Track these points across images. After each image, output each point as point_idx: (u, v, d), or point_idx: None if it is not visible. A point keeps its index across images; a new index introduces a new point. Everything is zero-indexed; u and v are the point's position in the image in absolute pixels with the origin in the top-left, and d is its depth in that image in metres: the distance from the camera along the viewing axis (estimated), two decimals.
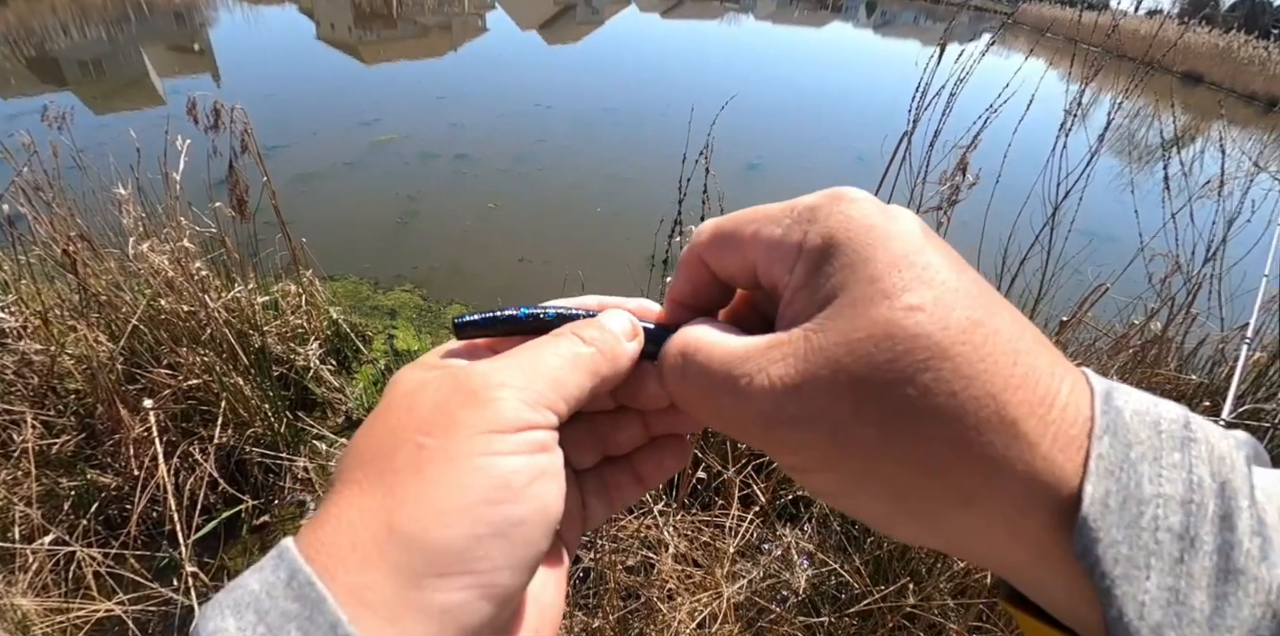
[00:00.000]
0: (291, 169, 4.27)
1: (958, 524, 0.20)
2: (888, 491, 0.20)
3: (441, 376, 0.23)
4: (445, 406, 0.22)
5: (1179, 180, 1.95)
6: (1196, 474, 0.18)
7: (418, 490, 0.20)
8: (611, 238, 3.80)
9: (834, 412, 0.20)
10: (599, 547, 1.44)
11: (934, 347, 0.19)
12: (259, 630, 0.18)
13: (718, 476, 1.61)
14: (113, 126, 4.63)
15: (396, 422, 0.22)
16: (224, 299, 2.09)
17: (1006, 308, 0.21)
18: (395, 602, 0.18)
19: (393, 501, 0.20)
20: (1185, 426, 0.19)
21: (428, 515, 0.19)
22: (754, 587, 1.34)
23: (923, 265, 0.20)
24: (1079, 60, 1.75)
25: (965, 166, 1.77)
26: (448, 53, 10.42)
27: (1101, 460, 0.18)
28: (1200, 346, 2.06)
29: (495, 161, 4.89)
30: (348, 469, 0.22)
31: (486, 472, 0.20)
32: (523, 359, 0.24)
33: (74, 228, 2.10)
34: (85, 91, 6.37)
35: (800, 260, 0.22)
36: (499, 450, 0.21)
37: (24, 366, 1.96)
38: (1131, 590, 0.17)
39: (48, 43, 8.54)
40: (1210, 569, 0.17)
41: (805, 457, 0.21)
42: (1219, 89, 12.19)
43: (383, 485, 0.20)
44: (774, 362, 0.21)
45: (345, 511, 0.20)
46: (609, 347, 0.25)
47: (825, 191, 0.23)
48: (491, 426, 0.21)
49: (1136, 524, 0.17)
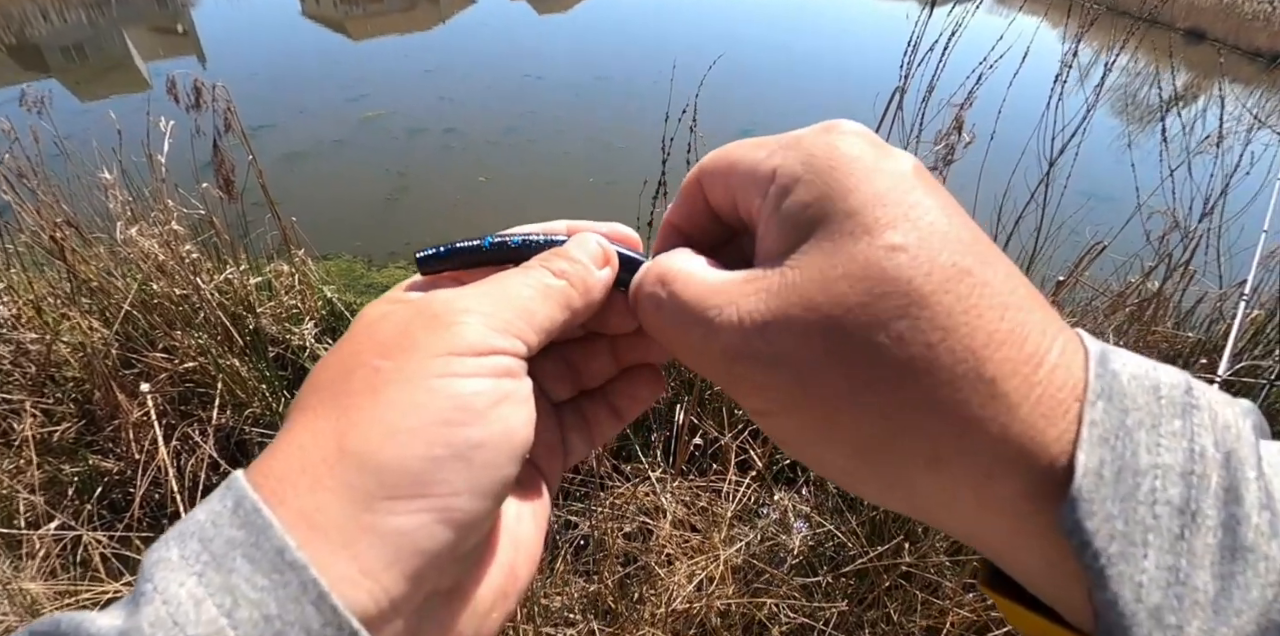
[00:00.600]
0: (279, 148, 4.23)
1: (923, 485, 0.18)
2: (850, 444, 0.19)
3: (404, 306, 0.22)
4: (406, 330, 0.21)
5: (1179, 137, 1.92)
6: (1199, 443, 0.17)
7: (372, 411, 0.19)
8: (605, 206, 3.77)
9: (802, 353, 0.19)
10: (597, 515, 1.45)
11: (913, 293, 0.17)
12: (203, 558, 0.17)
13: (714, 442, 1.62)
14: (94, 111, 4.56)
15: (355, 348, 0.21)
16: (216, 281, 2.08)
17: (1000, 258, 0.19)
18: (348, 525, 0.17)
19: (345, 422, 0.19)
20: (1187, 392, 0.17)
21: (381, 435, 0.18)
22: (751, 550, 1.36)
23: (910, 203, 0.19)
24: (1074, 13, 1.70)
25: (960, 124, 1.74)
26: (436, 25, 10.22)
27: (1095, 427, 0.17)
28: (1198, 304, 2.05)
29: (485, 134, 4.83)
30: (304, 396, 0.21)
31: (444, 393, 0.19)
32: (490, 288, 0.23)
33: (60, 214, 2.08)
34: (69, 77, 6.28)
35: (775, 183, 0.20)
36: (458, 371, 0.20)
37: (20, 355, 1.97)
38: (1128, 569, 0.15)
39: (28, 29, 8.38)
40: (1214, 546, 0.16)
41: (768, 398, 0.20)
42: (1222, 45, 11.95)
43: (337, 408, 0.20)
44: (746, 296, 0.20)
45: (298, 436, 0.19)
46: (580, 279, 0.24)
47: (820, 123, 0.21)
48: (452, 348, 0.20)
49: (1133, 497, 0.16)
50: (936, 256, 0.18)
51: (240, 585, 0.16)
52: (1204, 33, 12.66)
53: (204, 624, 0.16)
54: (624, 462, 1.66)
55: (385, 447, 0.18)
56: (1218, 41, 12.08)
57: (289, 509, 0.18)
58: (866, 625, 1.32)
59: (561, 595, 1.36)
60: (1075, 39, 1.68)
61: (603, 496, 1.49)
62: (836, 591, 1.35)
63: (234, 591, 0.16)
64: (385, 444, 0.18)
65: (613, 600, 1.33)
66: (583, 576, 1.41)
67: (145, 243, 1.99)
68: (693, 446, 1.60)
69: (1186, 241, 1.77)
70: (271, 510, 0.18)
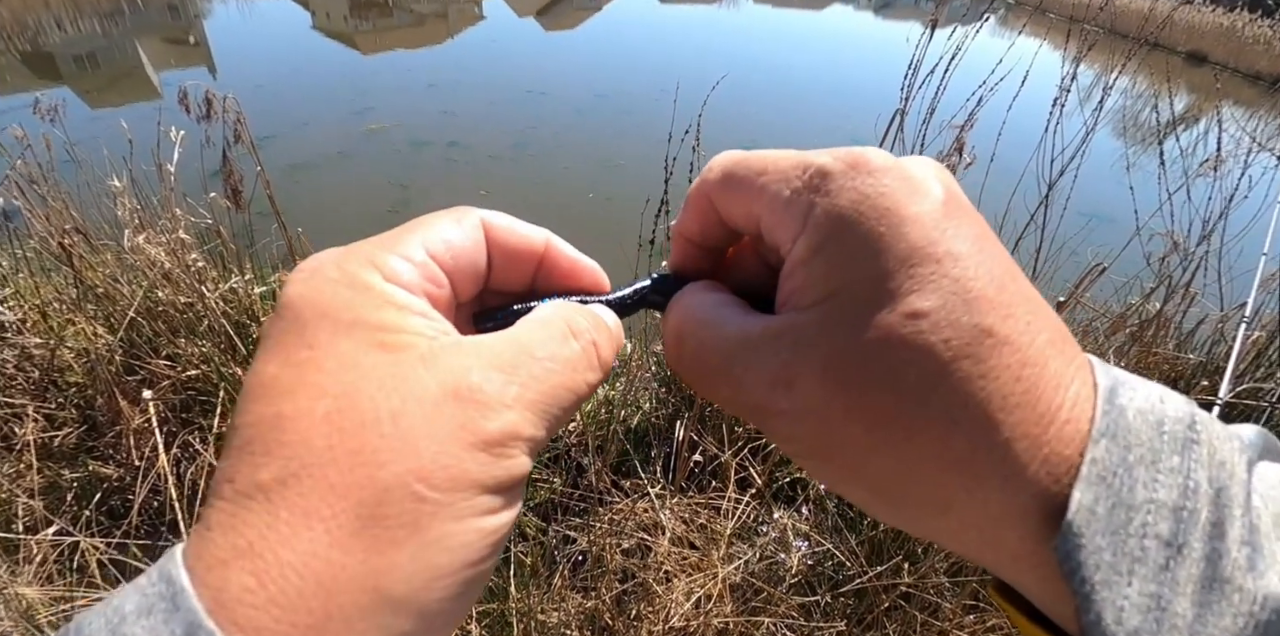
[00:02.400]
0: (284, 159, 4.27)
1: (936, 525, 0.20)
2: (870, 487, 0.20)
3: (440, 379, 0.19)
4: (451, 444, 0.18)
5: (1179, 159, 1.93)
6: (1194, 479, 0.18)
7: (417, 552, 0.17)
8: (604, 222, 3.79)
9: (825, 410, 0.20)
10: (595, 530, 1.45)
11: (933, 361, 0.18)
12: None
13: (714, 459, 1.62)
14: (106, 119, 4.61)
15: (375, 433, 0.18)
16: (221, 290, 2.09)
17: (1026, 301, 0.20)
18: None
19: (382, 562, 0.17)
20: (1190, 427, 0.19)
21: (427, 579, 0.17)
22: (750, 568, 1.35)
23: (938, 258, 0.19)
24: (1074, 36, 1.73)
25: (961, 146, 1.76)
26: (445, 41, 10.35)
27: (1095, 465, 0.18)
28: (1199, 326, 2.05)
29: (488, 148, 4.89)
30: (282, 480, 0.17)
31: (486, 531, 0.18)
32: (534, 387, 0.20)
33: (69, 220, 2.10)
34: (80, 85, 6.36)
35: (805, 234, 0.21)
36: (495, 507, 0.19)
37: (24, 360, 1.98)
38: (1110, 595, 0.17)
39: (42, 37, 8.50)
40: (1196, 576, 0.17)
41: (796, 445, 0.21)
42: (1224, 69, 12.05)
43: (363, 534, 0.17)
44: (770, 356, 0.20)
45: (295, 557, 0.16)
46: (602, 365, 0.23)
47: (844, 153, 0.21)
48: (493, 486, 0.18)
49: (1124, 530, 0.17)
50: (959, 319, 0.18)
51: None
52: (1205, 56, 12.78)
53: None
54: (623, 478, 1.66)
55: (426, 594, 0.17)
56: (1219, 64, 12.19)
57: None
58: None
59: (559, 611, 1.35)
60: (1074, 62, 1.70)
61: (601, 512, 1.49)
62: (835, 611, 1.34)
63: None
64: (427, 590, 0.17)
65: (610, 617, 1.32)
66: (580, 592, 1.40)
67: (152, 250, 2.01)
68: (692, 463, 1.59)
69: (1185, 263, 1.78)
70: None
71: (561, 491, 1.71)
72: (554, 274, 0.26)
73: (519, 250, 0.25)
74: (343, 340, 0.19)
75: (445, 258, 0.22)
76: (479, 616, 1.37)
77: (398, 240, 0.22)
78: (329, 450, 0.17)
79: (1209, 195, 1.82)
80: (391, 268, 0.21)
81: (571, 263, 0.26)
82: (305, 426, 0.18)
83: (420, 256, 0.22)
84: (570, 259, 0.26)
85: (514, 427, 0.19)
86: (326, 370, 0.18)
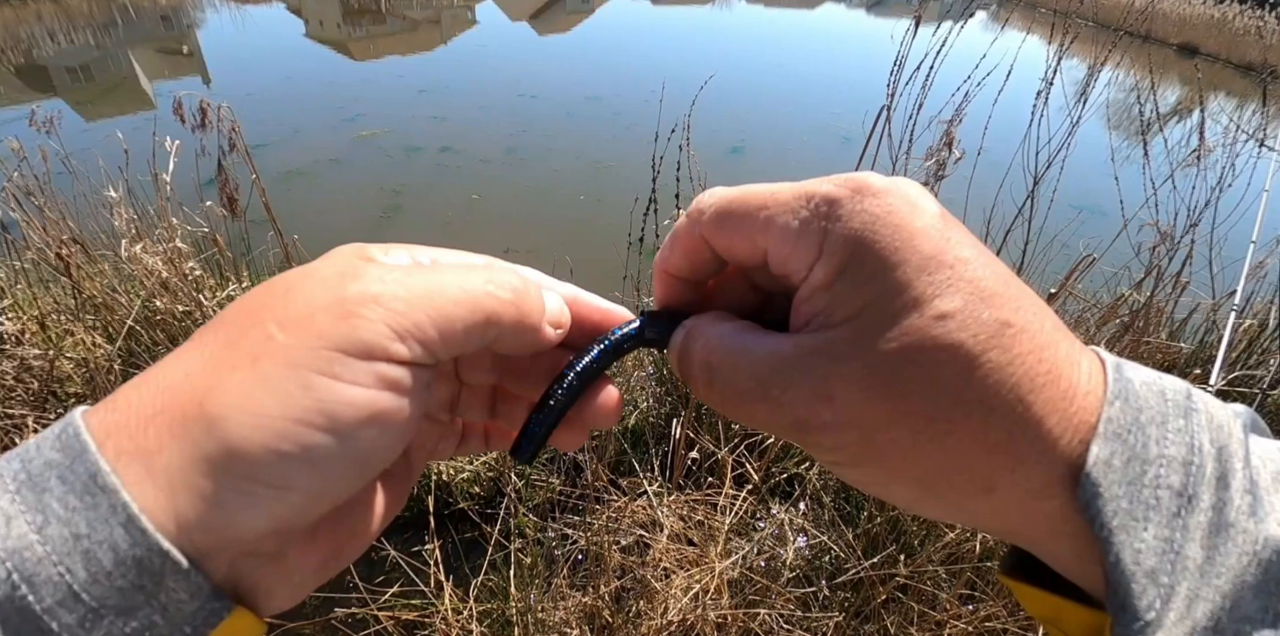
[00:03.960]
0: (277, 166, 4.28)
1: (979, 507, 0.21)
2: (916, 483, 0.22)
3: (345, 267, 0.22)
4: (313, 303, 0.20)
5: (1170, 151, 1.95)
6: (1198, 439, 0.20)
7: (244, 381, 0.19)
8: (595, 223, 3.83)
9: (868, 418, 0.21)
10: (594, 528, 1.46)
11: (965, 356, 0.20)
12: (19, 477, 0.18)
13: (711, 456, 1.63)
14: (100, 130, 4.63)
15: (272, 299, 0.21)
16: (219, 298, 2.10)
17: (1026, 295, 0.21)
18: (177, 477, 0.18)
19: (216, 382, 0.19)
20: (1188, 397, 0.21)
21: (240, 410, 0.18)
22: (748, 563, 1.36)
23: (950, 264, 0.20)
24: (1058, 28, 1.74)
25: (951, 140, 1.77)
26: (438, 47, 10.37)
27: (1110, 423, 0.20)
28: (1191, 315, 2.06)
29: (479, 153, 4.90)
30: (214, 320, 0.21)
31: (316, 392, 0.19)
32: (421, 277, 0.21)
33: (66, 231, 2.11)
34: (74, 97, 6.37)
35: (821, 261, 0.21)
36: (339, 374, 0.19)
37: (24, 371, 1.98)
38: (1128, 539, 0.19)
39: (35, 50, 8.51)
40: (1205, 523, 0.19)
41: (841, 455, 0.22)
42: (1215, 60, 12.07)
43: (217, 359, 0.19)
44: (808, 373, 0.21)
45: (171, 370, 0.20)
46: (523, 301, 0.23)
47: (844, 180, 0.22)
48: (343, 344, 0.19)
49: (1139, 481, 0.19)
50: (980, 315, 0.20)
51: (52, 504, 0.17)
52: (1196, 48, 12.79)
53: (14, 538, 0.17)
54: (621, 476, 1.67)
55: (239, 426, 0.18)
56: (1210, 56, 12.21)
57: (132, 439, 0.18)
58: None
59: (558, 608, 1.36)
60: (1058, 55, 1.71)
61: (599, 510, 1.49)
62: (833, 603, 1.35)
63: (45, 510, 0.17)
64: (241, 421, 0.18)
65: (609, 614, 1.33)
66: (579, 590, 1.41)
67: (149, 260, 2.02)
68: (689, 460, 1.60)
69: (1172, 253, 1.79)
70: (107, 436, 0.18)
71: (560, 490, 1.72)
72: (586, 326, 0.27)
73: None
74: (324, 264, 0.22)
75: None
76: (480, 616, 1.38)
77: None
78: (240, 309, 0.21)
79: (1194, 185, 1.83)
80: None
81: (604, 313, 0.27)
82: (246, 299, 0.22)
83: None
84: (602, 309, 0.27)
85: (376, 294, 0.20)
86: (294, 276, 0.22)
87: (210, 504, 0.18)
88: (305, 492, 0.19)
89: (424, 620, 1.40)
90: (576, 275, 0.30)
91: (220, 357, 0.20)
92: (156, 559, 0.17)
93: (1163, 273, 1.79)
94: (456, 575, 1.48)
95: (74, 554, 0.17)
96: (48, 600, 0.17)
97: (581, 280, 0.30)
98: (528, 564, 1.41)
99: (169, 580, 0.18)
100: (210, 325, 0.21)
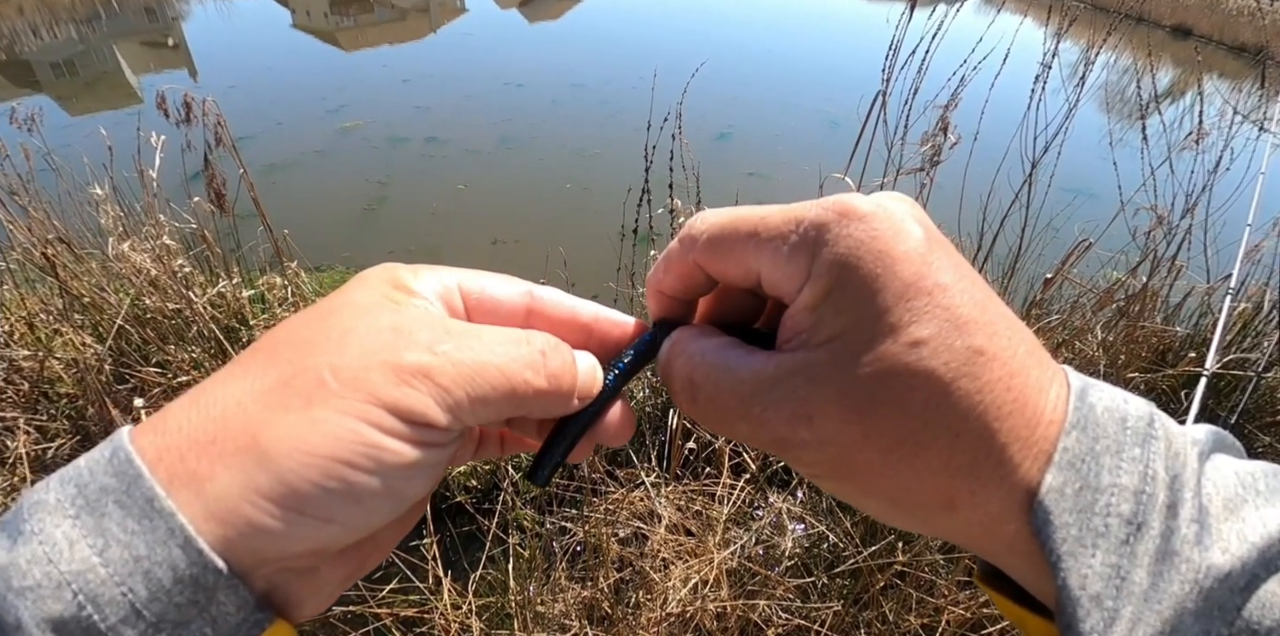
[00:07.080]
0: (261, 159, 4.24)
1: (944, 523, 0.23)
2: (885, 498, 0.23)
3: (390, 317, 0.23)
4: (368, 359, 0.21)
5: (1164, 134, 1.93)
6: (1153, 467, 0.21)
7: (298, 421, 0.20)
8: (582, 212, 3.82)
9: (842, 438, 0.22)
10: (591, 520, 1.45)
11: (936, 383, 0.21)
12: (78, 502, 0.19)
13: (708, 446, 1.62)
14: (85, 125, 4.57)
15: (326, 337, 0.22)
16: (209, 295, 2.08)
17: (1003, 319, 0.22)
18: (224, 505, 0.19)
19: (270, 418, 0.20)
20: (1149, 424, 0.21)
21: (294, 448, 0.20)
22: (746, 553, 1.36)
23: (929, 290, 0.21)
24: (1055, 12, 1.72)
25: (946, 126, 1.75)
26: (427, 35, 10.25)
27: (1065, 453, 0.21)
28: (1186, 299, 2.06)
29: (465, 142, 4.85)
30: (260, 348, 0.22)
31: (365, 439, 0.20)
32: (469, 351, 0.22)
33: (52, 230, 2.08)
34: (59, 92, 6.28)
35: (810, 282, 0.22)
36: (387, 428, 0.21)
37: (13, 373, 1.96)
38: (1076, 564, 0.20)
39: (17, 45, 8.38)
40: (1152, 551, 0.20)
41: (816, 469, 0.23)
42: (1208, 41, 12.02)
43: (270, 392, 0.21)
44: (788, 394, 0.22)
45: (222, 399, 0.21)
46: (556, 383, 0.24)
47: (831, 204, 0.23)
48: (391, 406, 0.21)
49: (1090, 509, 0.20)
50: (953, 343, 0.21)
51: (112, 528, 0.18)
52: (1190, 29, 12.74)
53: (78, 561, 0.18)
54: (618, 468, 1.66)
55: (291, 462, 0.19)
56: (1204, 38, 12.16)
57: (184, 463, 0.19)
58: (862, 625, 1.32)
59: (558, 601, 1.36)
60: (1055, 38, 1.69)
61: (597, 502, 1.49)
62: (832, 592, 1.35)
63: (105, 534, 0.18)
64: (293, 458, 0.19)
65: (608, 605, 1.33)
66: (578, 582, 1.41)
67: (137, 257, 2.00)
68: (686, 451, 1.60)
69: (1170, 237, 1.78)
70: (159, 459, 0.19)
71: (557, 483, 1.72)
72: (608, 340, 0.28)
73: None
74: (362, 294, 0.24)
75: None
76: (479, 610, 1.38)
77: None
78: (289, 340, 0.22)
79: (1192, 168, 1.82)
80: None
81: (624, 329, 0.28)
82: (293, 328, 0.23)
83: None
84: (621, 325, 0.28)
85: (428, 368, 0.21)
86: (337, 305, 0.23)
87: (257, 530, 0.19)
88: (346, 525, 0.21)
89: (423, 616, 1.40)
90: (571, 268, 0.30)
91: (274, 394, 0.21)
92: (210, 576, 0.19)
93: (1159, 257, 1.78)
94: (455, 569, 1.48)
95: (135, 574, 0.18)
96: (112, 618, 0.18)
97: (576, 273, 0.29)
98: (526, 557, 1.41)
99: (220, 595, 0.19)
100: (259, 350, 0.22)
